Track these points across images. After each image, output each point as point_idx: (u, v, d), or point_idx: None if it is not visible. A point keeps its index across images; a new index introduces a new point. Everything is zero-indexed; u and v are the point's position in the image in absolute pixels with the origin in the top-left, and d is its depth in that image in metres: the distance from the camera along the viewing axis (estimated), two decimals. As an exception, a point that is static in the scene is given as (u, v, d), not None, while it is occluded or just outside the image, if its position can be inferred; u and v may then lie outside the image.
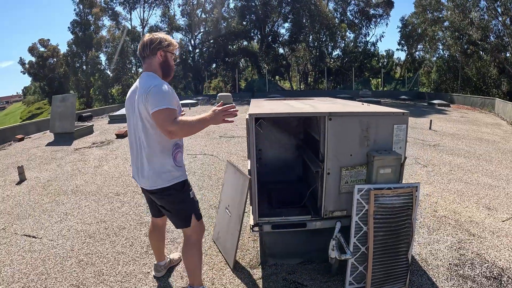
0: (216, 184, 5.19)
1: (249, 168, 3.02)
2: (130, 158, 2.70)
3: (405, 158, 2.80)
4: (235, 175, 3.12)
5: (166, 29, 39.28)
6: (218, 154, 7.38)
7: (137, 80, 2.32)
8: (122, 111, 15.19)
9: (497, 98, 24.47)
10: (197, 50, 40.55)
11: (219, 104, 2.27)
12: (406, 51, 43.58)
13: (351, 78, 38.17)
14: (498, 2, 26.55)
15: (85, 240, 3.57)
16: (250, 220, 2.97)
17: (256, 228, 2.82)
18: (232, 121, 2.26)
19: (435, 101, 25.93)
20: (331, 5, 40.98)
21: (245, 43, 41.35)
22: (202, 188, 5.09)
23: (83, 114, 15.95)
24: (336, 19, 40.48)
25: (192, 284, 2.53)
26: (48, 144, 9.51)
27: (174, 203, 2.37)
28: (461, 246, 3.37)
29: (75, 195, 4.97)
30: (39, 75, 47.65)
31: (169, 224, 2.91)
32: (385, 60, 46.70)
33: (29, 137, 11.18)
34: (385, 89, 39.95)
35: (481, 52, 31.91)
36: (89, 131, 11.37)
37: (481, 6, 29.03)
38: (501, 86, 32.44)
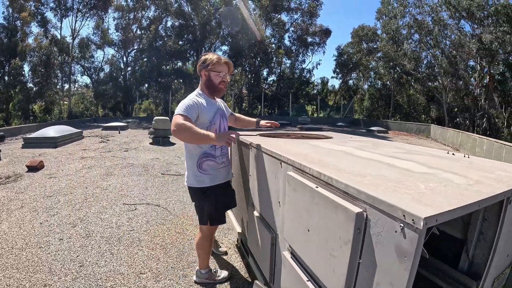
0: (179, 265, 3.33)
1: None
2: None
3: None
4: None
5: (98, 42, 36.35)
6: (168, 204, 5.31)
7: None
8: (39, 133, 12.58)
9: (432, 124, 25.74)
10: (129, 68, 37.89)
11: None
12: (341, 79, 44.91)
13: (287, 104, 38.23)
14: (431, 36, 28.16)
15: None
16: None
17: None
18: (230, 145, 2.45)
19: (374, 128, 26.63)
20: (268, 31, 41.01)
21: (179, 63, 39.65)
22: (157, 277, 3.11)
23: (-7, 135, 13.20)
24: (273, 45, 40.61)
25: (200, 268, 3.02)
26: None
27: (195, 201, 2.80)
28: None
29: None
30: (-45, 84, 41.65)
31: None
32: (320, 87, 47.77)
33: None
34: (320, 115, 40.66)
35: (412, 82, 33.74)
36: (-7, 159, 8.95)
37: (414, 38, 30.80)
38: (430, 113, 34.49)
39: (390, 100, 37.75)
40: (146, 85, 39.01)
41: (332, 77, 65.27)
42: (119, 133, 15.75)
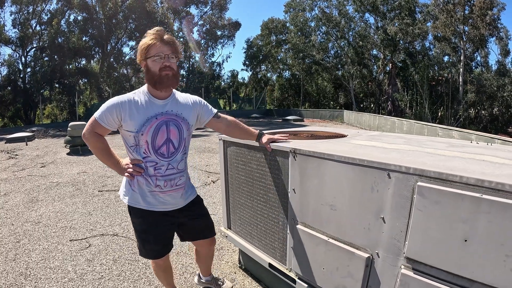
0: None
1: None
2: None
3: None
4: None
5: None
6: (128, 231, 4.25)
7: None
8: None
9: (345, 110, 27.36)
10: (28, 69, 33.34)
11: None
12: (251, 71, 45.62)
13: (200, 99, 37.97)
14: (337, 28, 29.92)
15: None
16: None
17: None
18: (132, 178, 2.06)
19: (289, 117, 27.38)
20: (176, 25, 39.80)
21: (83, 62, 36.43)
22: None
23: None
24: (182, 39, 39.64)
25: None
26: None
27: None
28: None
29: None
30: None
31: None
32: (230, 79, 48.05)
33: None
34: (233, 108, 40.93)
35: (320, 71, 35.61)
36: None
37: (322, 30, 32.48)
38: (339, 99, 36.74)
39: (300, 89, 39.33)
40: (49, 87, 35.01)
41: (242, 69, 65.90)
42: (27, 144, 13.82)
